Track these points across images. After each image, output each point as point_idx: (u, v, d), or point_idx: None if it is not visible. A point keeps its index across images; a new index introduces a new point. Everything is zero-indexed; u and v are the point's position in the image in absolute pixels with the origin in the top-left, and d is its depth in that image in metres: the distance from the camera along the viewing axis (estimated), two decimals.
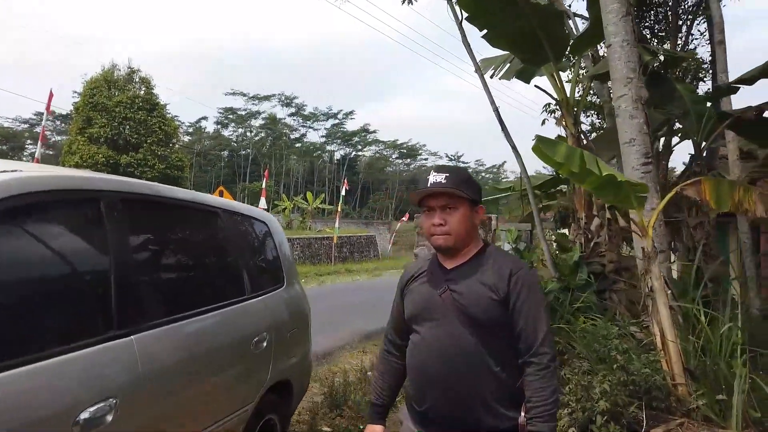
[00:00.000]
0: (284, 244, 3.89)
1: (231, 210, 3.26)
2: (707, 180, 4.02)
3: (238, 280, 3.09)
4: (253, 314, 3.11)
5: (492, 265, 1.86)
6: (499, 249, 2.02)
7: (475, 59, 6.85)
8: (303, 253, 25.22)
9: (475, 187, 1.91)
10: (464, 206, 1.86)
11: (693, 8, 9.41)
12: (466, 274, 1.86)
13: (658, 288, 3.90)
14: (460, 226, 1.84)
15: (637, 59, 4.80)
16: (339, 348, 8.21)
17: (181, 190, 2.86)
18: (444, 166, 1.94)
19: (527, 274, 1.85)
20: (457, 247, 1.88)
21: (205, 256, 2.95)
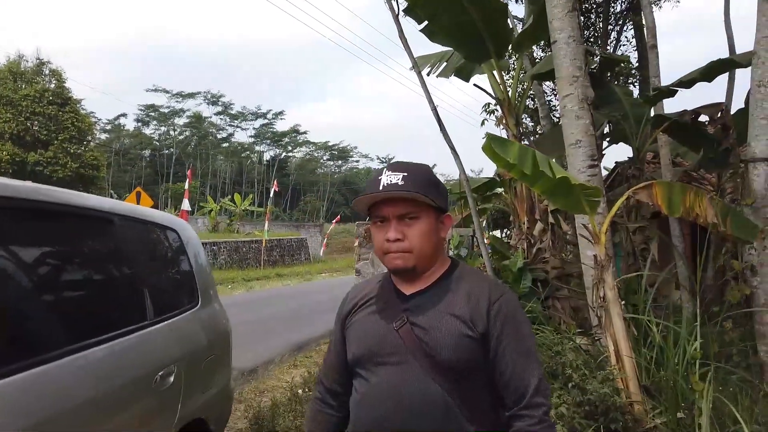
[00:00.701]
0: (200, 255, 3.33)
1: (130, 216, 2.68)
2: (659, 184, 3.83)
3: (136, 302, 2.52)
4: (156, 344, 2.55)
5: (464, 291, 1.43)
6: (471, 268, 1.57)
7: (412, 55, 6.49)
8: (230, 258, 24.15)
9: (441, 190, 1.48)
10: (428, 215, 1.43)
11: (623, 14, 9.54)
12: (430, 302, 1.43)
13: (611, 298, 3.66)
14: (423, 241, 1.41)
15: (583, 57, 4.59)
16: (267, 362, 7.62)
17: (60, 190, 2.26)
18: (400, 163, 1.46)
19: (510, 300, 1.43)
20: (420, 269, 1.44)
21: (91, 274, 2.36)
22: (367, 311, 1.52)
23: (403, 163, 1.45)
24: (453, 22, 4.87)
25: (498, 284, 1.51)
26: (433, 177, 1.47)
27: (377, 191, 1.39)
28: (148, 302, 2.57)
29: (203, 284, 3.23)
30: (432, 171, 1.50)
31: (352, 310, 1.56)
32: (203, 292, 3.18)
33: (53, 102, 33.41)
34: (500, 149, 3.33)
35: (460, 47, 5.17)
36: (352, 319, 1.54)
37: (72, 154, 33.55)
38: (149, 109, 71.77)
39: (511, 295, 1.47)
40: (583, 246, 4.62)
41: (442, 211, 1.47)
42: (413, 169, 1.43)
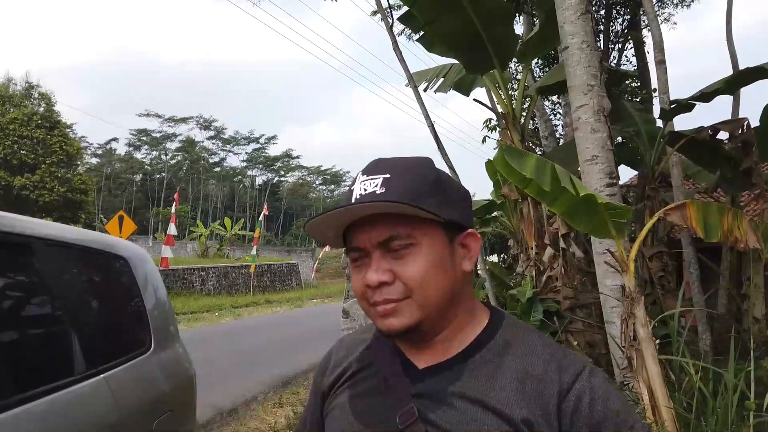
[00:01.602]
0: (157, 288, 2.78)
1: (60, 241, 2.14)
2: (693, 204, 3.33)
3: (60, 352, 1.97)
4: (85, 406, 1.98)
5: (513, 368, 0.87)
6: (524, 326, 0.97)
7: (408, 69, 6.05)
8: (219, 284, 23.43)
9: (451, 193, 0.91)
10: (434, 238, 0.87)
11: (623, 32, 9.21)
12: (456, 386, 0.87)
13: (644, 337, 3.13)
14: (428, 280, 0.85)
15: (598, 64, 4.13)
16: (250, 400, 6.98)
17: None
18: (382, 161, 0.91)
19: (598, 383, 0.85)
20: (430, 327, 0.88)
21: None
22: (357, 389, 0.96)
23: (385, 161, 0.90)
24: (453, 28, 4.42)
25: (571, 354, 0.90)
26: (435, 174, 0.89)
27: (342, 207, 0.84)
28: (76, 351, 2.02)
29: (160, 323, 2.67)
30: (433, 165, 0.91)
31: (335, 384, 1.00)
32: (159, 333, 2.62)
33: (41, 125, 33.01)
34: (515, 162, 2.83)
35: (461, 56, 4.72)
36: (335, 400, 0.98)
37: (60, 178, 33.03)
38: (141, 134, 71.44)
39: (596, 372, 0.87)
40: (601, 274, 4.11)
41: (458, 228, 0.89)
42: (401, 166, 0.87)
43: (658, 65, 6.80)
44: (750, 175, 5.34)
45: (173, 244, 17.75)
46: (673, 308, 5.06)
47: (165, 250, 16.02)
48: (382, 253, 0.85)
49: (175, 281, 20.24)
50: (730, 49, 7.70)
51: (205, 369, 8.22)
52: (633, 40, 8.70)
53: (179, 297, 19.03)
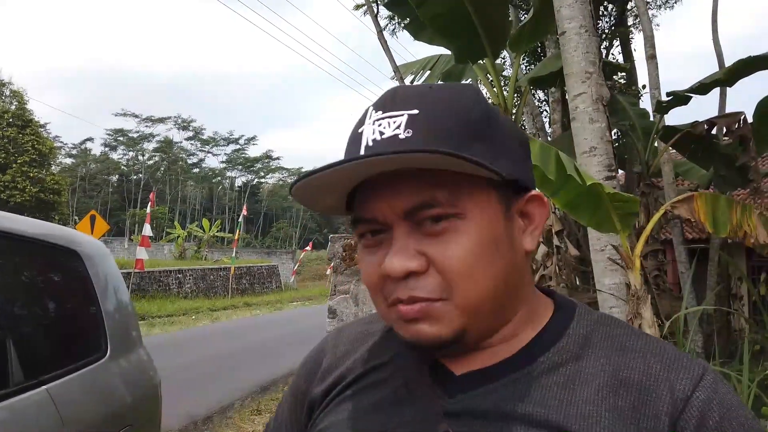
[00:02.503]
0: (118, 289, 2.46)
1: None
2: (702, 197, 3.12)
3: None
4: (21, 423, 1.68)
5: (600, 372, 0.59)
6: (608, 319, 0.66)
7: (393, 60, 5.81)
8: (196, 286, 22.91)
9: (508, 140, 0.61)
10: (486, 203, 0.58)
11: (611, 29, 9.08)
12: (513, 399, 0.59)
13: None
14: (479, 270, 0.57)
15: (596, 50, 3.92)
16: (226, 407, 6.64)
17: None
18: (404, 89, 0.61)
19: (730, 398, 0.58)
20: (477, 337, 0.61)
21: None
22: (362, 402, 0.66)
23: (409, 90, 0.61)
24: (443, 10, 4.17)
25: (682, 353, 0.62)
26: (483, 108, 0.60)
27: (344, 161, 0.56)
28: (12, 358, 1.71)
29: (119, 327, 2.36)
30: (480, 95, 0.62)
31: (330, 393, 0.70)
32: (117, 337, 2.31)
33: (13, 124, 32.12)
34: None
35: (451, 43, 4.48)
36: (329, 417, 0.68)
37: (32, 178, 32.14)
38: (117, 134, 70.15)
39: (721, 378, 0.60)
40: (599, 272, 3.88)
41: (518, 187, 0.62)
42: (432, 97, 0.59)
43: (649, 60, 6.65)
44: (746, 172, 5.19)
45: (149, 245, 17.24)
46: (669, 308, 4.89)
47: (140, 251, 15.52)
48: (410, 228, 0.57)
49: (151, 283, 19.71)
50: (715, 47, 7.61)
51: (180, 375, 7.87)
52: (620, 36, 8.57)
53: (155, 300, 18.54)
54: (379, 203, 0.58)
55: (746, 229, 3.18)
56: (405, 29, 4.88)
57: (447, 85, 0.62)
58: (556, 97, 7.06)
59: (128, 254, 27.96)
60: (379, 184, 0.57)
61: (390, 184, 0.57)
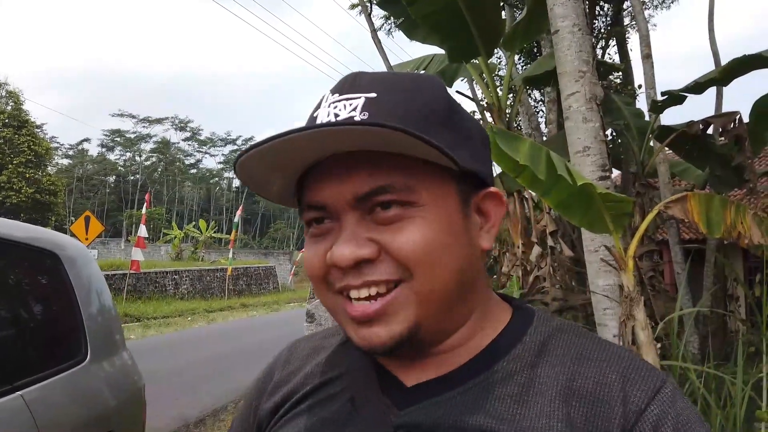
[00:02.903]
0: (101, 292, 2.42)
1: None
2: (696, 197, 3.09)
3: None
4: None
5: (554, 383, 0.55)
6: (566, 325, 0.62)
7: (387, 59, 5.77)
8: (193, 287, 22.83)
9: (470, 133, 0.59)
10: (444, 194, 0.55)
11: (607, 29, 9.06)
12: (464, 411, 0.55)
13: (644, 341, 2.86)
14: (436, 257, 0.53)
15: (590, 49, 3.88)
16: (219, 410, 6.59)
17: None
18: (364, 75, 0.58)
19: (688, 414, 0.54)
20: (432, 333, 0.57)
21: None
22: (310, 418, 0.62)
23: (368, 75, 0.58)
24: (436, 9, 4.13)
25: (642, 363, 0.58)
26: (446, 99, 0.58)
27: (292, 132, 0.50)
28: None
29: (101, 330, 2.32)
30: (444, 87, 0.60)
31: (279, 410, 0.67)
32: (98, 341, 2.26)
33: (9, 124, 32.04)
34: (508, 146, 2.55)
35: (444, 42, 4.44)
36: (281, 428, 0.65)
37: (28, 179, 32.05)
38: (114, 134, 70.03)
39: (680, 392, 0.57)
40: (593, 273, 3.85)
41: (476, 182, 0.59)
42: (392, 81, 0.56)
43: (645, 59, 6.62)
44: (741, 172, 5.16)
45: (144, 246, 17.19)
46: (664, 309, 4.86)
47: (135, 252, 15.47)
48: (360, 216, 0.54)
49: (147, 285, 19.64)
50: (712, 46, 7.59)
51: (174, 377, 7.83)
52: (616, 36, 8.54)
53: (151, 301, 18.48)
54: (329, 188, 0.54)
55: (740, 229, 3.15)
56: (399, 28, 4.83)
57: (410, 74, 0.59)
58: (551, 97, 7.02)
59: (125, 255, 27.87)
60: (330, 167, 0.54)
61: (342, 167, 0.53)
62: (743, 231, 3.16)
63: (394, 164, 0.52)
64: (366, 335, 0.54)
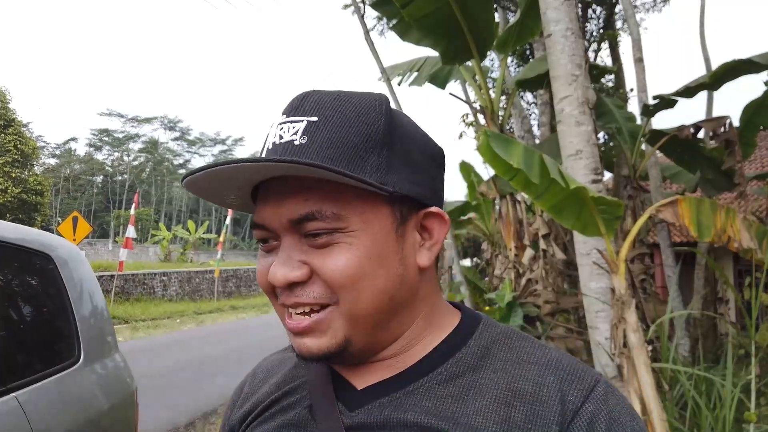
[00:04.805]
0: (93, 294, 2.39)
1: None
2: (686, 201, 3.11)
3: None
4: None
5: (494, 385, 0.59)
6: (509, 331, 0.66)
7: (380, 62, 5.77)
8: (182, 289, 22.65)
9: (411, 153, 0.61)
10: (375, 217, 0.59)
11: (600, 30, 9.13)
12: (408, 410, 0.59)
13: (636, 344, 2.88)
14: (363, 281, 0.57)
15: (583, 53, 3.91)
16: (209, 413, 6.54)
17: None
18: (314, 95, 0.61)
19: (621, 409, 0.58)
20: (364, 347, 0.62)
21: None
22: (273, 424, 0.67)
23: (317, 95, 0.61)
24: (429, 11, 4.14)
25: (578, 364, 0.62)
26: (385, 120, 0.59)
27: (227, 163, 0.55)
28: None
29: (94, 332, 2.30)
30: (387, 106, 0.61)
31: (246, 419, 0.71)
32: (91, 343, 2.24)
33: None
34: (501, 149, 2.56)
35: (437, 44, 4.46)
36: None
37: (14, 178, 31.63)
38: (102, 134, 69.43)
39: (614, 389, 0.60)
40: (585, 276, 3.87)
41: (415, 204, 0.62)
42: (336, 105, 0.59)
43: (637, 63, 6.68)
44: (731, 176, 5.22)
45: (132, 247, 17.04)
46: (655, 312, 4.90)
47: (122, 253, 15.33)
48: (296, 238, 0.58)
49: (135, 286, 19.47)
50: (703, 51, 7.67)
51: (163, 379, 7.76)
52: (608, 39, 8.61)
53: (139, 303, 18.31)
54: (268, 210, 0.59)
55: (730, 233, 3.18)
56: (392, 30, 4.84)
57: (356, 94, 0.61)
58: (544, 100, 7.07)
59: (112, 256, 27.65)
60: (271, 190, 0.58)
61: (280, 192, 0.58)
62: (733, 235, 3.19)
63: (327, 191, 0.56)
64: (299, 345, 0.60)
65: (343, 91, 0.61)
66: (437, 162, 0.65)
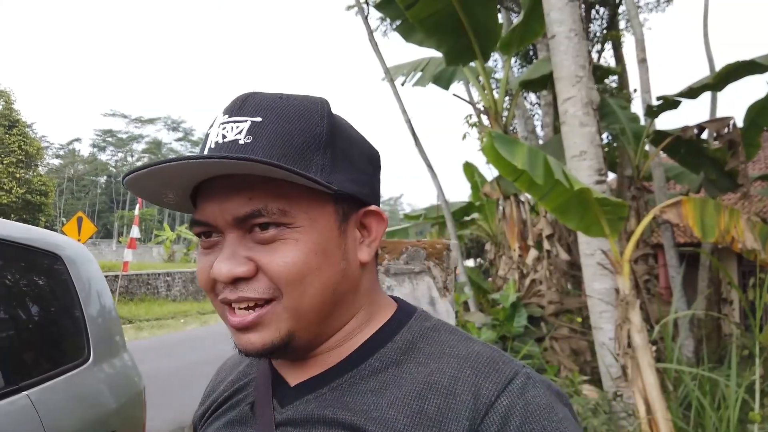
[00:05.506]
0: (101, 293, 2.42)
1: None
2: (690, 202, 3.13)
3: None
4: (1, 429, 1.63)
5: (413, 377, 0.60)
6: (439, 325, 0.67)
7: (384, 62, 5.79)
8: (185, 289, 22.69)
9: (351, 154, 0.64)
10: (320, 214, 0.60)
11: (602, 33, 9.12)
12: (328, 406, 0.60)
13: (640, 344, 2.90)
14: (308, 276, 0.58)
15: (586, 54, 3.93)
16: None
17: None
18: (255, 96, 0.62)
19: (539, 402, 0.55)
20: (307, 341, 0.62)
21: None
22: (222, 421, 0.70)
23: (259, 97, 0.62)
24: (433, 12, 4.16)
25: (501, 356, 0.61)
26: (328, 122, 0.61)
27: (170, 160, 0.55)
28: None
29: (102, 332, 2.32)
30: (328, 109, 0.63)
31: (204, 415, 0.75)
32: (101, 342, 2.27)
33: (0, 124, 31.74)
34: (506, 151, 2.58)
35: (441, 45, 4.47)
36: (207, 427, 0.73)
37: (18, 178, 31.74)
38: (106, 134, 69.63)
39: (535, 381, 0.58)
40: (589, 277, 3.89)
41: (355, 203, 0.63)
42: (279, 107, 0.60)
43: (640, 64, 6.68)
44: (735, 177, 5.22)
45: (135, 247, 17.07)
46: (659, 313, 4.90)
47: (127, 253, 15.37)
48: (241, 235, 0.59)
49: (139, 286, 19.53)
50: (707, 51, 7.66)
51: (168, 380, 7.78)
52: (612, 40, 8.60)
53: (143, 303, 18.36)
54: (212, 207, 0.59)
55: (734, 234, 3.19)
56: (396, 31, 4.85)
57: (299, 97, 0.62)
58: (547, 100, 7.07)
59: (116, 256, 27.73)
60: (215, 188, 0.59)
61: (224, 189, 0.58)
62: (737, 235, 3.20)
63: (272, 189, 0.57)
64: (243, 341, 0.60)
65: (284, 94, 0.63)
66: (374, 164, 0.67)
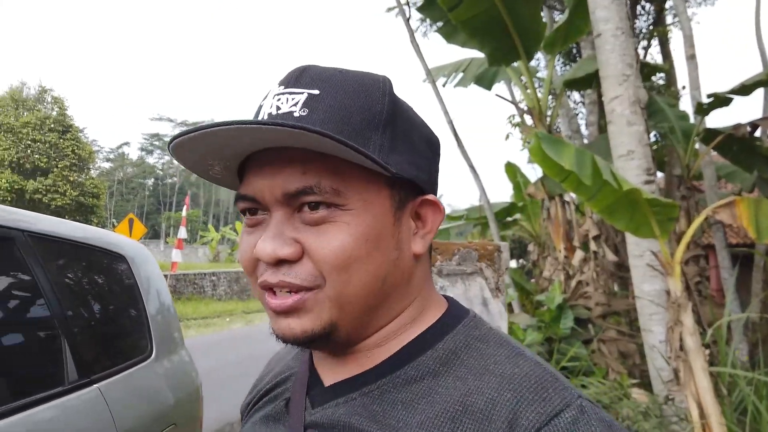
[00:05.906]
0: (160, 291, 2.54)
1: (49, 235, 1.91)
2: (744, 201, 3.04)
3: (49, 359, 1.74)
4: (76, 419, 1.75)
5: (450, 396, 0.52)
6: (488, 333, 0.59)
7: (425, 63, 5.82)
8: (230, 289, 23.24)
9: (412, 136, 0.59)
10: (375, 198, 0.55)
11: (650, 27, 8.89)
12: (356, 413, 0.55)
13: (692, 347, 2.84)
14: (356, 264, 0.53)
15: (633, 52, 3.86)
16: None
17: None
18: (313, 69, 0.57)
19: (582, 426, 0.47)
20: (350, 334, 0.57)
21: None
22: (261, 414, 0.68)
23: (317, 70, 0.57)
24: (476, 13, 4.16)
25: (552, 384, 0.51)
26: (390, 100, 0.57)
27: (222, 124, 0.50)
28: (67, 357, 1.78)
29: (162, 329, 2.44)
30: (391, 88, 0.58)
31: (248, 407, 0.73)
32: (161, 339, 2.38)
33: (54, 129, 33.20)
34: (553, 152, 2.57)
35: (484, 45, 4.47)
36: (243, 428, 0.72)
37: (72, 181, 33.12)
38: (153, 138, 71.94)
39: (590, 413, 0.49)
40: (638, 278, 3.82)
41: (412, 189, 0.59)
42: (339, 80, 0.56)
43: (689, 60, 6.50)
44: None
45: (183, 248, 17.59)
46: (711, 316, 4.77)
47: (175, 254, 15.84)
48: (289, 214, 0.54)
49: (186, 286, 20.12)
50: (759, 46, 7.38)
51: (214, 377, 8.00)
52: (658, 36, 8.38)
53: (190, 302, 18.89)
54: (260, 182, 0.54)
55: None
56: (437, 32, 4.88)
57: (360, 73, 0.58)
58: (592, 99, 6.96)
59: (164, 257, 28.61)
60: (265, 161, 0.54)
61: (275, 163, 0.54)
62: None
63: (327, 165, 0.52)
64: (282, 327, 0.55)
65: (344, 68, 0.58)
66: (434, 149, 0.62)
